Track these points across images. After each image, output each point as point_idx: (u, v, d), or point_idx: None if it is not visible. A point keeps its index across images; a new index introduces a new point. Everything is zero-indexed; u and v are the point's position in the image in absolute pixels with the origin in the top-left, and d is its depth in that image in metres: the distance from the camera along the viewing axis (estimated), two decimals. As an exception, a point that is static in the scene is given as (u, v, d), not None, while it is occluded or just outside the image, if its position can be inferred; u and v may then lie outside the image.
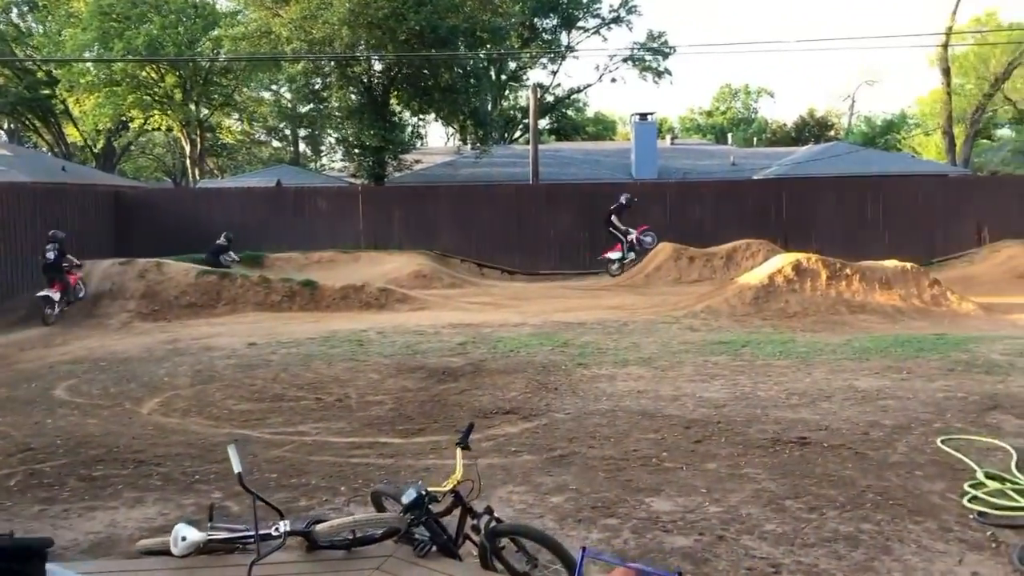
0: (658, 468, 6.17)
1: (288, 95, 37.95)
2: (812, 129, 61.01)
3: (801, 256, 15.09)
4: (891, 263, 14.93)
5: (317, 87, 28.16)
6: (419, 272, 19.87)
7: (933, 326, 12.99)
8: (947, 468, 6.02)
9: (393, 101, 28.86)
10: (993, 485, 5.56)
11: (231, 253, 20.71)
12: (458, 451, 4.06)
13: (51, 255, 15.34)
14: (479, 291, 19.12)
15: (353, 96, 28.31)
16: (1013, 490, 5.46)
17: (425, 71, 27.43)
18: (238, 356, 11.15)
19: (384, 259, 21.22)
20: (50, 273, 15.23)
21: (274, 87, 40.00)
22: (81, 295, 15.60)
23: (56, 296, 14.91)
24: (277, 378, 9.69)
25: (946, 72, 35.42)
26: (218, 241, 20.65)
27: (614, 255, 21.30)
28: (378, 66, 27.80)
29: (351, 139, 28.32)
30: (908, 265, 14.84)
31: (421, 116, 32.28)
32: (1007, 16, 51.59)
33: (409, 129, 32.25)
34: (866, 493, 5.56)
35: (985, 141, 48.12)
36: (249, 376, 9.84)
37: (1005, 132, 54.76)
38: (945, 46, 35.38)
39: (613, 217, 21.25)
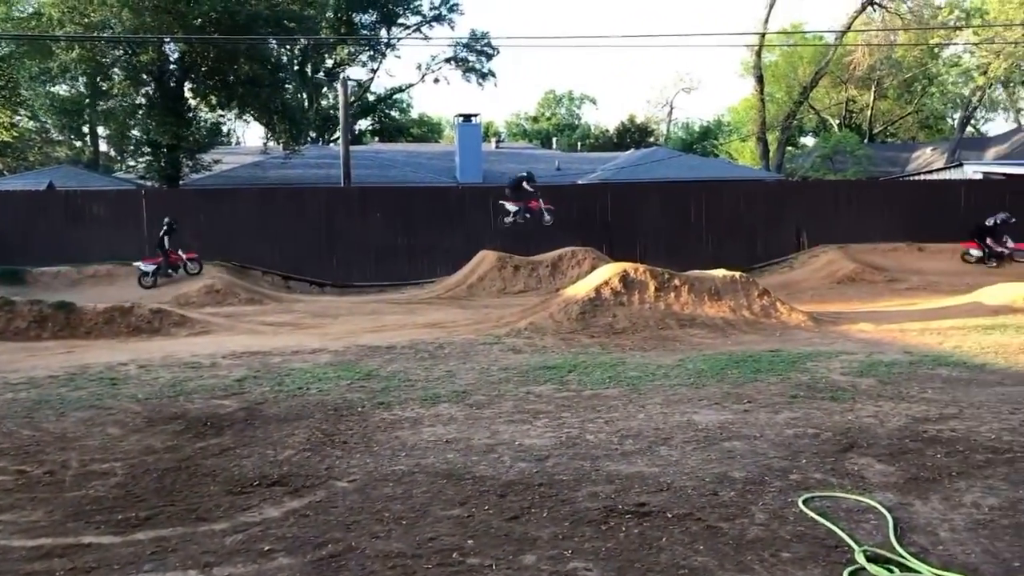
0: (460, 569, 4.61)
1: (81, 87, 33.93)
2: (633, 135, 62.35)
3: (628, 266, 14.08)
4: (720, 273, 14.20)
5: (98, 78, 24.82)
6: (211, 287, 17.51)
7: (765, 340, 12.27)
8: (818, 545, 4.81)
9: (188, 94, 25.97)
10: (878, 572, 4.39)
11: None
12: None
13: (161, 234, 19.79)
14: (281, 308, 17.01)
15: (147, 88, 25.37)
16: (903, 579, 4.31)
17: (227, 63, 24.82)
18: (-58, 407, 8.70)
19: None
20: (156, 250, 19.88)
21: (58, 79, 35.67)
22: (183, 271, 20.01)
23: (150, 268, 19.54)
24: (-21, 440, 7.41)
25: (759, 79, 36.34)
26: None
27: (975, 251, 22.67)
28: (171, 55, 24.94)
29: (140, 136, 25.25)
30: (737, 275, 14.16)
31: (221, 111, 29.35)
32: (812, 27, 54.48)
33: (211, 126, 29.17)
34: (726, 594, 4.24)
35: (791, 148, 50.35)
36: (-58, 438, 7.50)
37: (809, 140, 57.85)
38: (759, 53, 36.29)
39: (1005, 237, 22.08)
